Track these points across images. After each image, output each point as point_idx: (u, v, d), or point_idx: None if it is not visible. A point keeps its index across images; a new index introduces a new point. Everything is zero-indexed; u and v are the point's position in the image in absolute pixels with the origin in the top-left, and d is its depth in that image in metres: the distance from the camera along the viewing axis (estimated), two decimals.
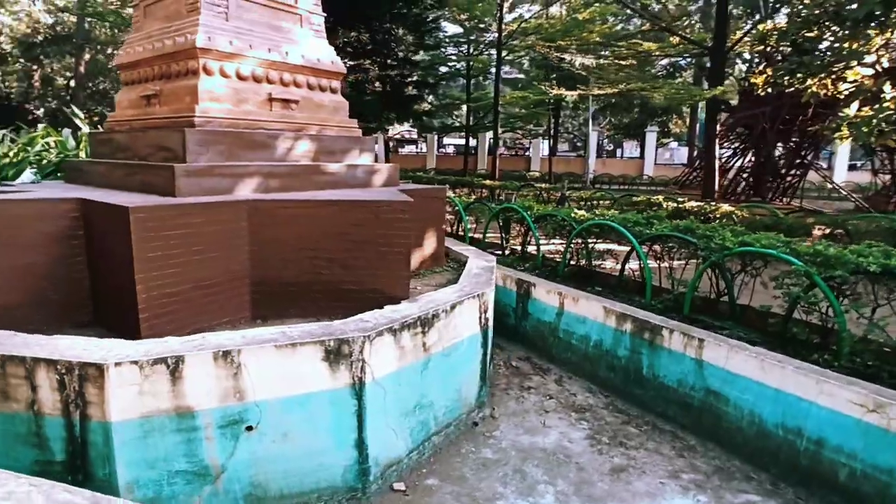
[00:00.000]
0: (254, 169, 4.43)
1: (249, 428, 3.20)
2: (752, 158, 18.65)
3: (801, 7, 10.88)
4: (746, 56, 20.53)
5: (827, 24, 8.67)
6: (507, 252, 8.58)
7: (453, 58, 29.85)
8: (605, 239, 7.11)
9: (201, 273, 3.77)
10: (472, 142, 36.00)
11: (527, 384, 5.62)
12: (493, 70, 32.16)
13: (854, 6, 7.85)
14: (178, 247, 3.62)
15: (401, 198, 4.24)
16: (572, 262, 7.34)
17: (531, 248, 8.13)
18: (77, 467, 2.96)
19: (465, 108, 29.88)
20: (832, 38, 8.92)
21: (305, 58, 5.17)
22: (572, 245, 7.12)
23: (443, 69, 31.06)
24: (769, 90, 12.77)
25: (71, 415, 2.88)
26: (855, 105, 9.16)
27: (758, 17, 14.56)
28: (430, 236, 5.86)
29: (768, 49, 13.16)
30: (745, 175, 18.05)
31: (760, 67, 12.73)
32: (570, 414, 5.00)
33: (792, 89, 12.51)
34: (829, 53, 9.11)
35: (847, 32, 8.14)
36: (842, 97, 9.83)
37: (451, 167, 33.70)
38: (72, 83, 23.74)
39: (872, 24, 7.84)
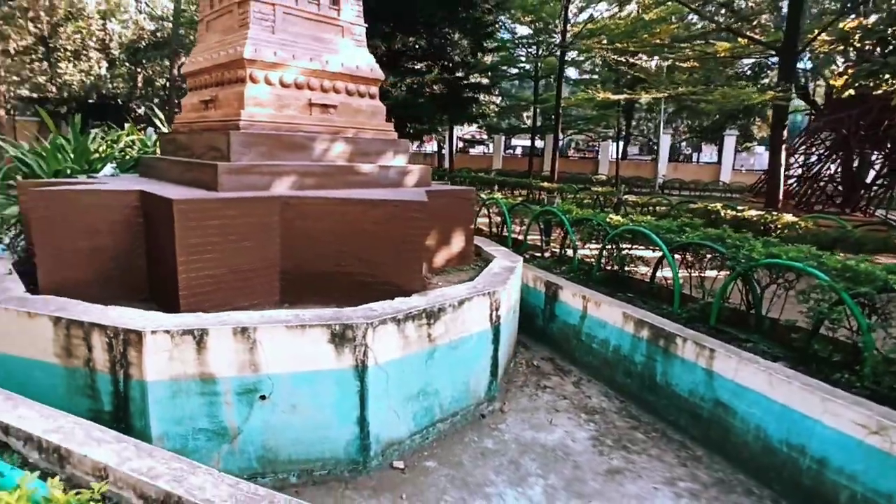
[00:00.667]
0: (290, 168, 4.90)
1: (263, 397, 3.62)
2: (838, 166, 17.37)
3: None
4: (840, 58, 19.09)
5: None
6: (546, 254, 8.67)
7: (522, 59, 29.76)
8: (639, 245, 7.06)
9: (235, 260, 4.27)
10: (541, 143, 35.74)
11: (544, 383, 5.76)
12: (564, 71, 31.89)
13: None
14: (216, 236, 4.13)
15: (419, 198, 4.54)
16: (607, 267, 7.34)
17: (571, 251, 8.18)
18: (120, 418, 3.51)
19: (533, 109, 29.67)
20: None
21: (345, 66, 5.60)
22: (606, 250, 7.13)
23: (512, 70, 31.08)
24: (852, 93, 11.91)
25: (116, 373, 3.43)
26: None
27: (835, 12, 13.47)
28: (457, 235, 6.13)
29: (852, 47, 12.23)
30: (822, 184, 16.83)
31: (841, 68, 11.85)
32: (580, 415, 5.10)
33: (880, 91, 11.63)
34: None
35: None
36: None
37: (516, 168, 33.65)
38: (167, 84, 26.02)
39: None
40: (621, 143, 38.99)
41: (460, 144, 51.11)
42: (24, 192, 4.53)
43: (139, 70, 27.36)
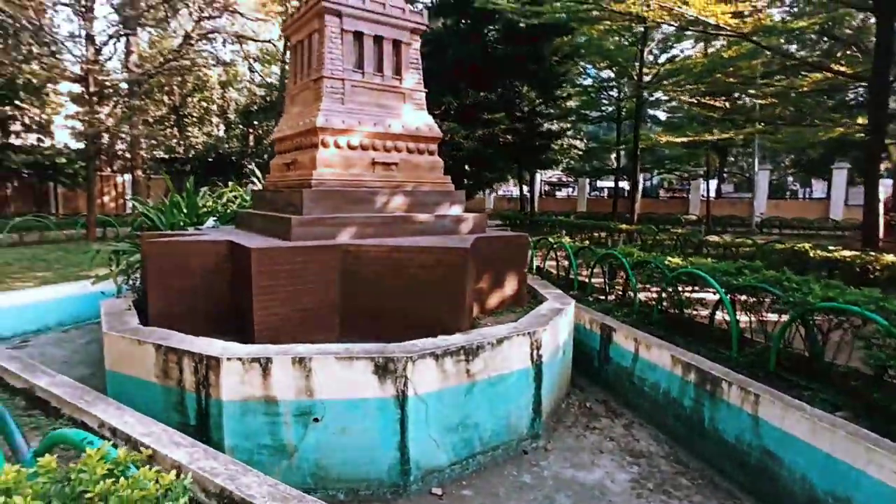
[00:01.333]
0: (353, 220, 5.59)
1: (316, 420, 4.16)
2: None
3: None
4: None
5: None
6: (611, 297, 8.69)
7: (605, 102, 29.87)
8: (700, 287, 6.96)
9: (301, 300, 4.95)
10: (627, 184, 35.10)
11: (593, 425, 5.82)
12: (648, 112, 31.48)
13: None
14: (286, 279, 4.84)
15: (463, 245, 5.00)
16: (668, 310, 7.27)
17: (640, 295, 8.15)
18: (201, 431, 4.19)
19: (616, 151, 29.48)
20: None
21: (406, 127, 6.31)
22: (665, 292, 7.09)
23: (594, 114, 31.19)
24: None
25: (199, 392, 4.13)
26: None
27: None
28: (510, 278, 6.47)
29: None
30: None
31: None
32: (625, 457, 5.12)
33: None
34: None
35: None
36: None
37: (601, 210, 33.19)
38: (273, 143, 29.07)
39: None
40: (715, 181, 37.23)
41: (547, 188, 51.47)
42: (143, 241, 5.58)
43: (251, 130, 30.82)
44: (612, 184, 43.74)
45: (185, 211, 7.54)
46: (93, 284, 7.34)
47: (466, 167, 15.12)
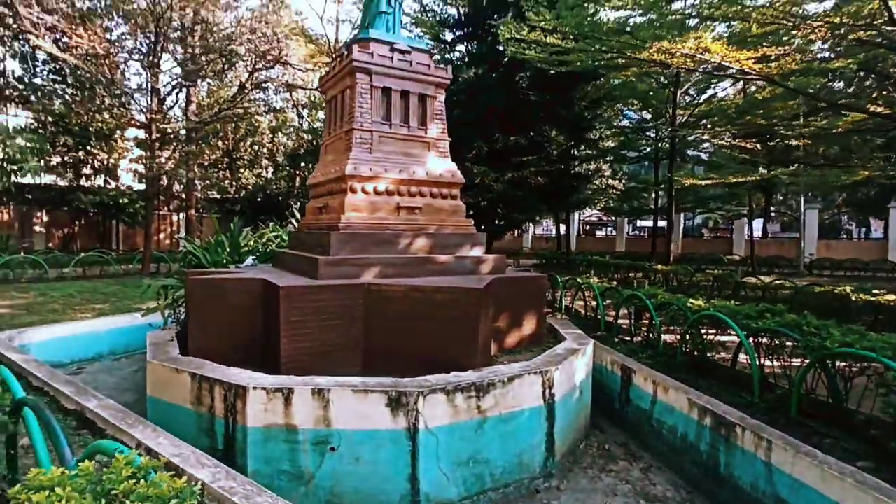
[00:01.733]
0: (377, 260, 5.97)
1: (332, 448, 4.41)
2: None
3: None
4: None
5: None
6: (637, 338, 8.67)
7: (642, 142, 29.89)
8: (723, 330, 6.91)
9: (326, 335, 5.29)
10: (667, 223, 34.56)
11: (610, 467, 5.81)
12: (689, 151, 31.21)
13: None
14: (312, 315, 5.21)
15: (477, 285, 5.27)
16: (693, 353, 7.22)
17: (665, 336, 8.12)
18: (228, 455, 4.51)
19: (654, 192, 29.23)
20: None
21: (429, 174, 6.72)
22: (688, 335, 7.08)
23: (632, 154, 31.20)
24: None
25: (227, 418, 4.48)
26: None
27: None
28: (528, 318, 6.65)
29: None
30: None
31: None
32: (640, 502, 5.10)
33: None
34: None
35: None
36: None
37: (641, 250, 32.74)
38: None
39: None
40: (761, 221, 36.17)
41: (587, 227, 51.20)
42: (186, 277, 6.11)
43: (297, 172, 32.38)
44: (653, 223, 43.15)
45: (227, 250, 8.13)
46: (142, 316, 7.96)
47: (498, 209, 15.52)
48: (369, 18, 6.96)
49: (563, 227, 30.32)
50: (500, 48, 12.76)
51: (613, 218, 39.53)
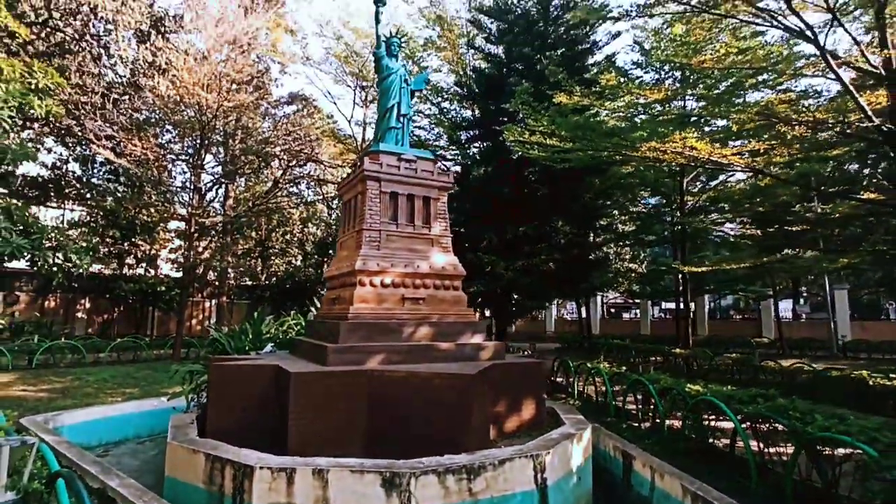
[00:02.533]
0: (382, 348, 6.48)
1: None
2: None
3: None
4: None
5: None
6: (645, 424, 8.72)
7: (659, 226, 30.41)
8: (723, 414, 7.02)
9: (331, 417, 5.71)
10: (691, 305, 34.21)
11: None
12: (707, 233, 31.52)
13: None
14: (319, 399, 5.67)
15: (469, 371, 5.70)
16: (693, 437, 7.29)
17: (672, 421, 8.19)
18: None
19: (675, 275, 29.32)
20: None
21: (433, 267, 7.37)
22: (688, 419, 7.20)
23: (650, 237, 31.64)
24: None
25: (235, 497, 4.85)
26: None
27: None
28: (527, 403, 6.93)
29: None
30: None
31: None
32: None
33: None
34: None
35: None
36: None
37: (666, 332, 32.24)
38: None
39: None
40: (790, 301, 35.41)
41: (613, 310, 50.73)
42: (209, 363, 6.69)
43: (325, 260, 33.77)
44: (688, 305, 42.54)
45: (250, 337, 8.77)
46: (168, 400, 8.50)
47: (509, 295, 16.04)
48: (381, 133, 7.99)
49: (589, 310, 30.35)
50: (509, 147, 13.94)
51: (635, 301, 39.30)
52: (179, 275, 25.50)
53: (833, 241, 19.58)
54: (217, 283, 29.36)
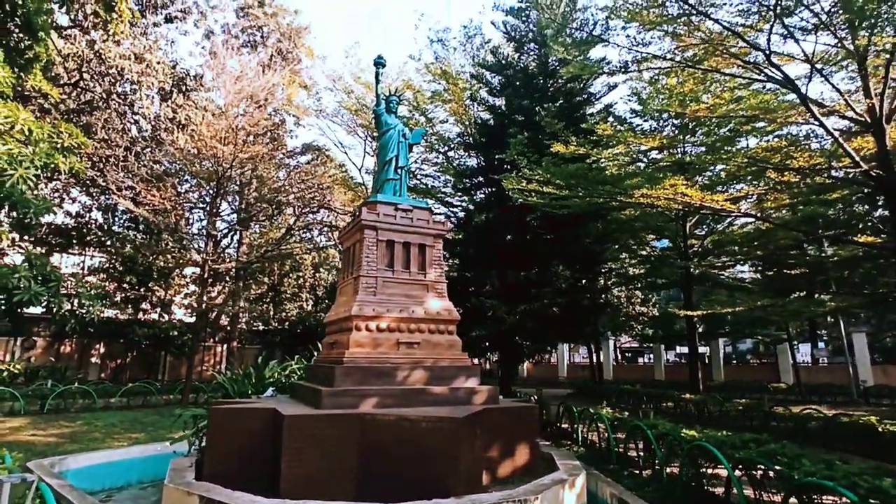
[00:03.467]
0: (375, 391, 6.65)
1: None
2: None
3: None
4: None
5: None
6: (647, 471, 8.62)
7: (665, 270, 30.35)
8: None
9: (324, 461, 5.84)
10: (706, 349, 33.68)
11: None
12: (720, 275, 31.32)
13: None
14: (312, 442, 5.83)
15: (457, 415, 5.84)
16: (691, 483, 7.23)
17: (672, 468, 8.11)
18: None
19: (687, 319, 29.01)
20: None
21: (427, 312, 7.60)
22: (684, 466, 7.16)
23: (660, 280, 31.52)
24: None
25: None
26: None
27: None
28: (520, 448, 6.98)
29: None
30: None
31: None
32: None
33: None
34: None
35: None
36: None
37: (680, 377, 31.60)
38: None
39: None
40: (808, 345, 34.57)
41: (629, 354, 49.91)
42: (210, 407, 6.90)
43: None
44: (698, 349, 41.73)
45: (253, 381, 8.98)
46: (170, 445, 8.65)
47: (513, 339, 16.13)
48: (379, 184, 8.43)
49: (601, 355, 30.01)
50: (510, 194, 14.40)
51: (648, 346, 38.74)
52: (192, 319, 25.95)
53: (847, 284, 19.47)
54: (228, 328, 29.72)
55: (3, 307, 7.43)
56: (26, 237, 19.87)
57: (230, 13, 29.27)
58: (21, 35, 10.52)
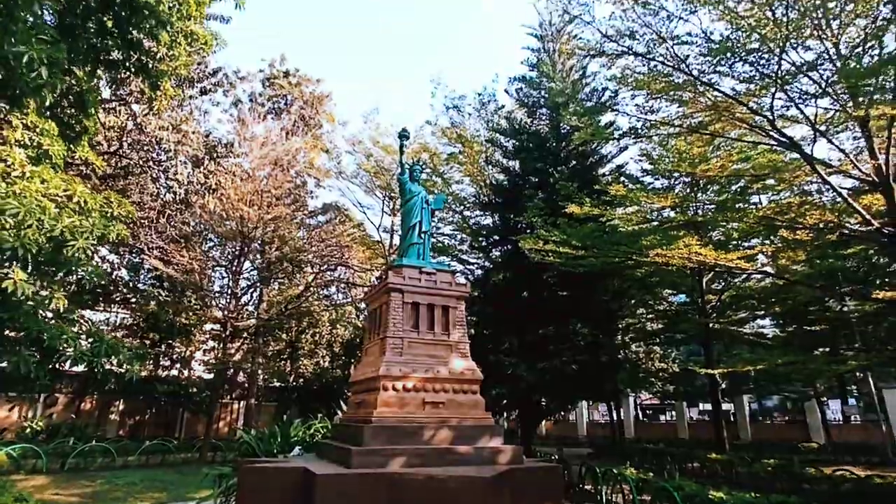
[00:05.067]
0: (403, 451, 6.81)
1: None
2: None
3: None
4: None
5: None
6: None
7: (683, 325, 30.08)
8: None
9: None
10: (730, 406, 32.71)
11: None
12: (742, 331, 30.90)
13: None
14: (343, 501, 5.97)
15: (482, 475, 5.98)
16: None
17: None
18: None
19: (709, 376, 28.46)
20: None
21: (452, 372, 7.84)
22: None
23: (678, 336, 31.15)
24: None
25: None
26: None
27: None
28: None
29: None
30: None
31: None
32: None
33: None
34: None
35: None
36: None
37: (705, 436, 30.59)
38: None
39: None
40: (839, 402, 33.43)
41: (650, 411, 48.46)
42: (239, 465, 7.08)
43: (352, 361, 34.10)
44: (722, 407, 40.49)
45: (279, 440, 9.15)
46: None
47: (531, 398, 16.06)
48: (404, 248, 8.89)
49: (621, 412, 29.30)
50: (526, 253, 14.78)
51: (670, 403, 37.72)
52: (210, 376, 26.12)
53: (872, 339, 19.15)
54: (246, 385, 29.78)
55: (48, 366, 7.84)
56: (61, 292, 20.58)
57: (257, 83, 31.09)
58: (72, 111, 11.51)
